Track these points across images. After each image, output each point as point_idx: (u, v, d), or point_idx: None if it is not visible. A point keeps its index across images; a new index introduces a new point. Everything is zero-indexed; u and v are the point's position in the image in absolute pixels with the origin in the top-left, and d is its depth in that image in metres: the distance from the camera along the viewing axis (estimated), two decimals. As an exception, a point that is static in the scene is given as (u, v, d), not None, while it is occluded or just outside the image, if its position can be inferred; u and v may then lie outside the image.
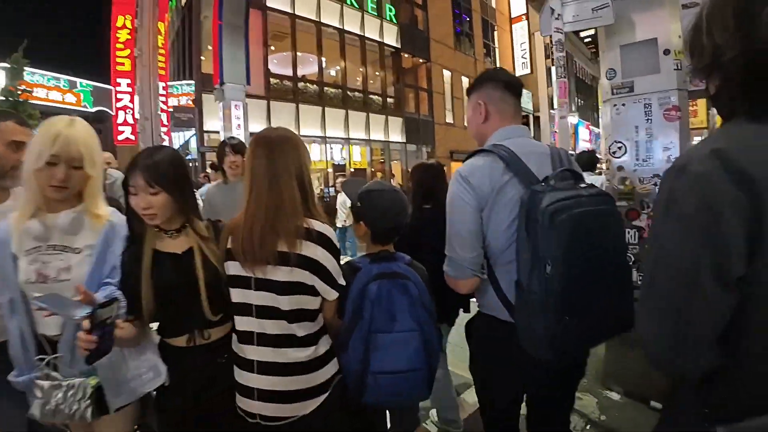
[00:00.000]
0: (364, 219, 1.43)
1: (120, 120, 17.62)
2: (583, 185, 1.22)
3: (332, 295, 1.26)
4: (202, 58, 12.51)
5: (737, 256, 0.66)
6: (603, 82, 2.82)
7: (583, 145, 37.96)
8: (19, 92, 22.90)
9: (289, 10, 13.05)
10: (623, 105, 2.63)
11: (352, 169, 14.63)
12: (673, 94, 2.44)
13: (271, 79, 12.65)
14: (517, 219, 1.20)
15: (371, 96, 15.34)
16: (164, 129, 10.76)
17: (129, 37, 13.89)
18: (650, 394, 2.39)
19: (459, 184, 1.31)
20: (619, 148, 2.64)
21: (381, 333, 1.27)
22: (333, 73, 15.02)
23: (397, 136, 16.07)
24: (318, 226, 1.23)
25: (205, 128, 11.44)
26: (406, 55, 16.84)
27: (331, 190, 13.72)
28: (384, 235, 1.42)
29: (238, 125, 10.72)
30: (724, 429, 0.70)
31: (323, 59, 13.91)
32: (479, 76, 1.47)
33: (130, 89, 12.94)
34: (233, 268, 1.25)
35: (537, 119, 29.05)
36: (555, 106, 31.20)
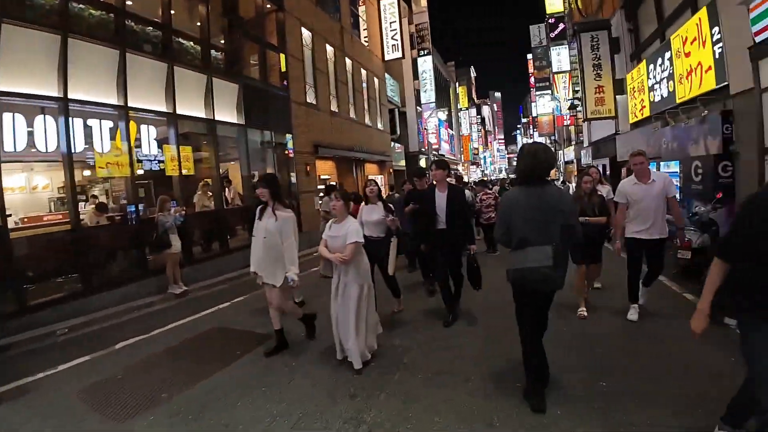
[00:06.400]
0: None
1: None
2: None
3: None
4: None
5: None
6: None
7: (444, 146, 36.59)
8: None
9: None
10: None
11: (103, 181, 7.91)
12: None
13: None
14: None
15: (180, 40, 8.80)
16: None
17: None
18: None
19: None
20: None
21: None
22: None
23: (229, 113, 9.81)
24: None
25: None
26: (245, -11, 10.70)
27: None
28: None
29: None
30: None
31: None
32: None
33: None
34: None
35: (403, 115, 25.59)
36: (423, 100, 28.35)
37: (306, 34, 13.23)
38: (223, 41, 10.21)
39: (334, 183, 13.98)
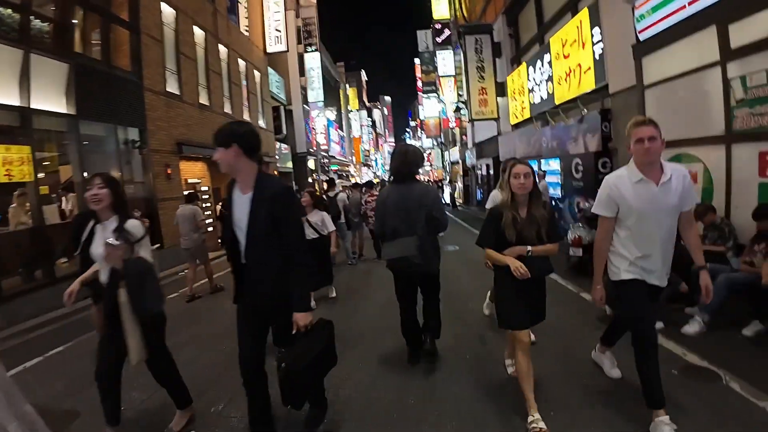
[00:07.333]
0: None
1: None
2: None
3: None
4: None
5: None
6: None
7: (335, 147, 35.71)
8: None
9: None
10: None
11: None
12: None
13: None
14: None
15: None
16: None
17: None
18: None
19: None
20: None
21: None
22: None
23: (54, 100, 7.60)
24: None
25: None
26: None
27: None
28: None
29: None
30: None
31: None
32: None
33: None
34: None
35: (289, 113, 24.09)
36: (310, 99, 27.09)
37: (168, 11, 11.24)
38: (53, 9, 7.96)
39: (206, 188, 12.14)
